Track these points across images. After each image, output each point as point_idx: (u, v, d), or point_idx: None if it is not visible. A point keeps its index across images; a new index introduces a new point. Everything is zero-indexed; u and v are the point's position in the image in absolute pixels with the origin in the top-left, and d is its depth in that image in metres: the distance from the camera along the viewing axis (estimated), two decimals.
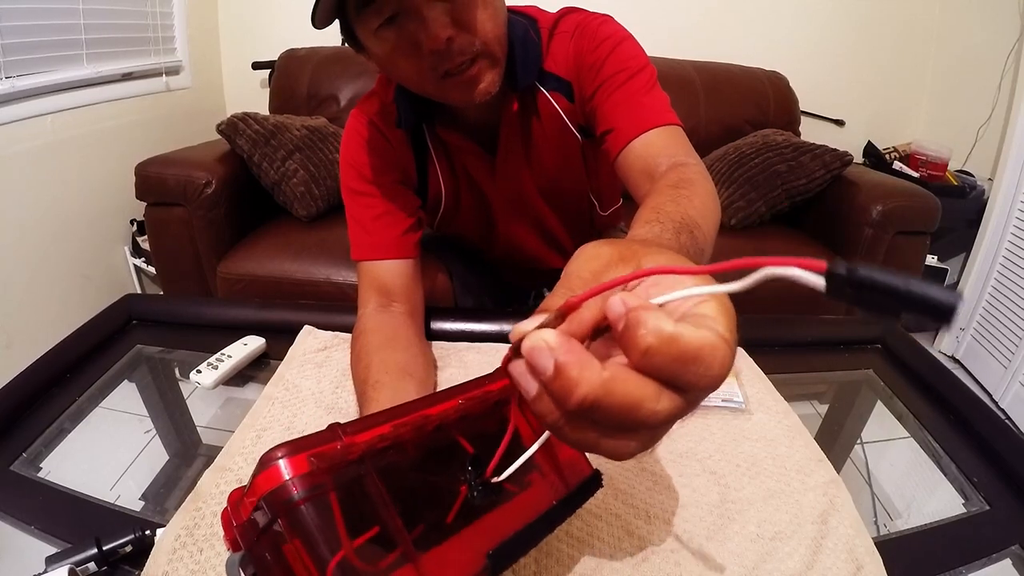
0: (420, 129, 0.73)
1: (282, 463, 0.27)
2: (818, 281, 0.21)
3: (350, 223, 0.73)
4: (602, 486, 0.43)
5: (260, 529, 0.28)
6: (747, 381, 0.69)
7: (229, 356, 0.71)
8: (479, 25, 0.57)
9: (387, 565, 0.29)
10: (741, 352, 0.75)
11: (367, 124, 0.72)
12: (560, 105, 0.70)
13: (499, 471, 0.35)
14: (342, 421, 0.32)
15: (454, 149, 0.74)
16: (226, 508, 0.30)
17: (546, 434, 0.34)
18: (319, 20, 0.54)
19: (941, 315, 0.18)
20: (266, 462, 0.28)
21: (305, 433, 0.30)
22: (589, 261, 0.26)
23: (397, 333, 0.66)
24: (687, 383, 0.21)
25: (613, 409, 0.21)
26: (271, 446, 0.28)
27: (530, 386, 0.23)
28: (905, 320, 0.19)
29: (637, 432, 0.22)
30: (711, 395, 0.66)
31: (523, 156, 0.74)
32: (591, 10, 0.70)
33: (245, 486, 0.29)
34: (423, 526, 0.32)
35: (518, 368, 0.23)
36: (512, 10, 0.67)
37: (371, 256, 0.72)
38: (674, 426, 0.22)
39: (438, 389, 0.66)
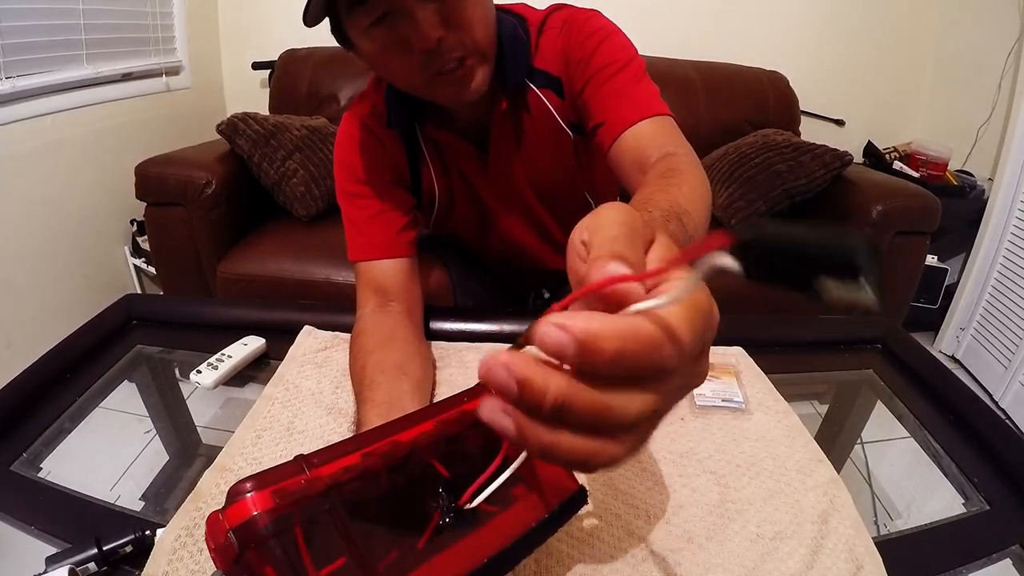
0: (412, 129, 0.73)
1: (249, 497, 0.28)
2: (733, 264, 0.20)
3: (346, 224, 0.74)
4: (587, 503, 0.43)
5: (235, 555, 0.29)
6: (747, 381, 0.69)
7: (229, 356, 0.71)
8: (469, 24, 0.57)
9: None
10: (741, 352, 0.75)
11: (359, 125, 0.72)
12: (551, 102, 0.70)
13: (476, 496, 0.35)
14: (342, 421, 0.32)
15: (445, 148, 0.74)
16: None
17: (521, 458, 0.35)
18: (310, 18, 0.55)
19: (852, 268, 0.18)
20: (234, 495, 0.29)
21: (305, 433, 0.30)
22: (613, 227, 0.24)
23: (394, 333, 0.66)
24: (642, 373, 0.20)
25: (586, 408, 0.20)
26: (272, 446, 0.29)
27: (505, 423, 0.21)
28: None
29: (620, 434, 0.21)
30: (712, 395, 0.66)
31: (515, 154, 0.74)
32: (581, 7, 0.70)
33: (221, 509, 0.29)
34: (396, 553, 0.32)
35: (488, 408, 0.21)
36: (500, 8, 0.67)
37: (367, 256, 0.72)
38: (675, 426, 0.21)
39: (437, 389, 0.66)
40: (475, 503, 0.36)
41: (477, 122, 0.70)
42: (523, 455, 0.36)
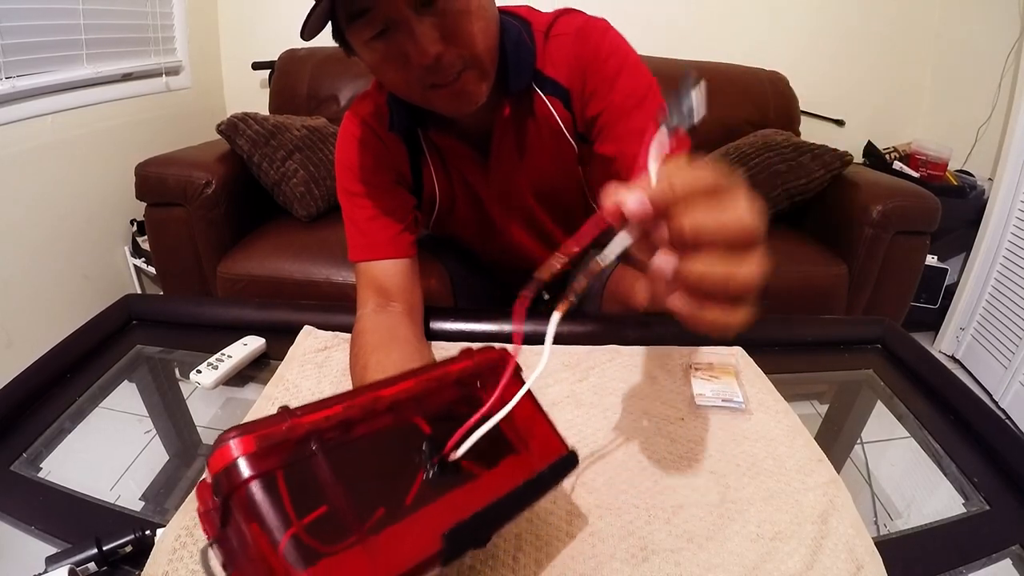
0: (414, 131, 0.73)
1: (232, 443, 0.29)
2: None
3: (347, 224, 0.73)
4: (577, 464, 0.43)
5: (222, 514, 0.29)
6: (747, 381, 0.69)
7: (229, 356, 0.71)
8: (469, 39, 0.56)
9: (339, 545, 0.29)
10: (741, 352, 0.75)
11: (361, 125, 0.72)
12: (558, 112, 0.70)
13: (459, 446, 0.36)
14: None
15: (447, 152, 0.74)
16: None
17: (504, 410, 0.37)
18: (308, 32, 0.54)
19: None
20: (218, 442, 0.29)
21: None
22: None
23: (394, 333, 0.66)
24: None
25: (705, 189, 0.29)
26: None
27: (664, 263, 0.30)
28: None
29: (747, 251, 0.28)
30: (712, 395, 0.66)
31: (517, 159, 0.74)
32: (589, 12, 0.69)
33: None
34: (382, 508, 0.32)
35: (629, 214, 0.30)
36: (504, 11, 0.67)
37: (367, 256, 0.72)
38: (675, 426, 0.24)
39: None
40: (459, 453, 0.36)
41: (479, 126, 0.70)
42: (507, 408, 0.38)
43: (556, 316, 0.38)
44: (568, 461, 0.43)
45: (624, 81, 0.65)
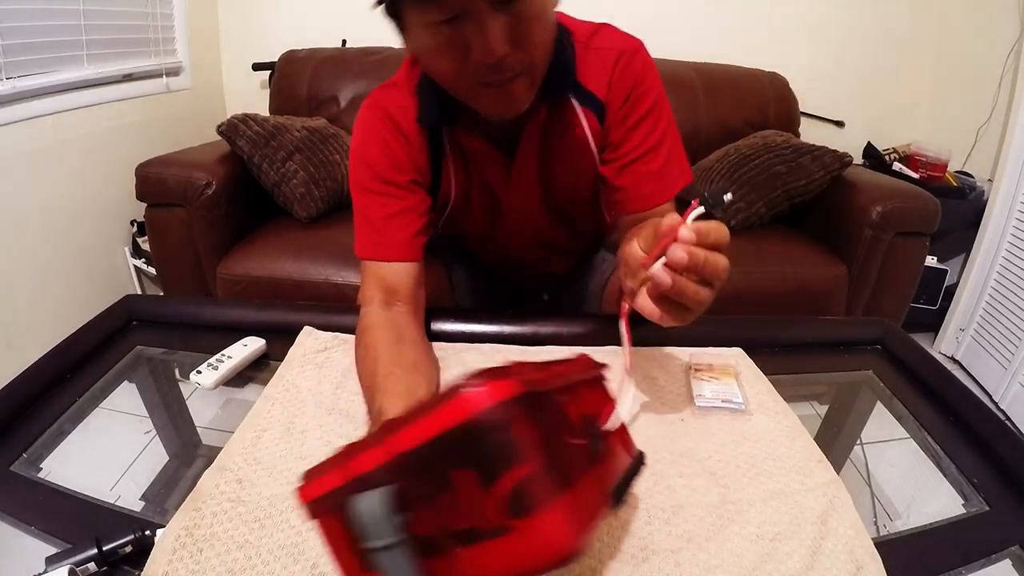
0: (438, 127, 0.71)
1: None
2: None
3: (358, 219, 0.72)
4: (645, 465, 0.46)
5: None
6: (746, 382, 0.69)
7: (229, 357, 0.71)
8: (534, 47, 0.56)
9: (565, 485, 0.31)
10: (740, 353, 0.75)
11: (383, 118, 0.70)
12: (588, 123, 0.70)
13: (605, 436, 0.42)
14: (343, 422, 0.32)
15: (470, 151, 0.73)
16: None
17: (631, 390, 0.48)
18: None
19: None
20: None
21: (305, 433, 0.30)
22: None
23: (404, 332, 0.66)
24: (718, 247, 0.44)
25: (706, 264, 0.43)
26: (272, 446, 0.29)
27: (664, 277, 0.44)
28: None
29: (714, 285, 0.45)
30: (711, 396, 0.67)
31: (541, 165, 0.74)
32: (592, 13, 0.70)
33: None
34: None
35: (658, 269, 0.44)
36: None
37: (380, 256, 0.71)
38: (675, 427, 0.36)
39: (440, 390, 0.66)
40: (616, 422, 0.43)
41: (507, 128, 0.69)
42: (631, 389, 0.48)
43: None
44: (639, 461, 0.46)
45: (650, 121, 0.69)
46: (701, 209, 0.44)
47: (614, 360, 0.49)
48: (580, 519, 0.31)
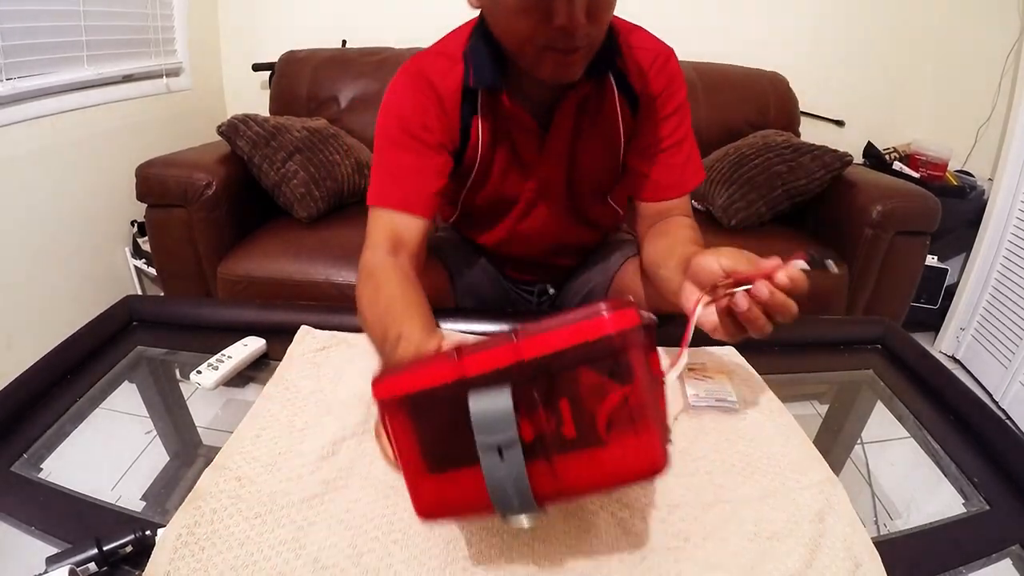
0: (476, 92, 0.72)
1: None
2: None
3: (377, 168, 0.72)
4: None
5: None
6: (740, 381, 0.69)
7: (229, 357, 0.71)
8: (603, 23, 0.60)
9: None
10: (734, 352, 0.75)
11: (421, 79, 0.72)
12: (622, 110, 0.74)
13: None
14: (342, 420, 0.33)
15: (509, 118, 0.74)
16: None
17: (684, 358, 0.50)
18: None
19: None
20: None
21: (305, 431, 0.30)
22: (742, 256, 0.51)
23: (410, 276, 0.67)
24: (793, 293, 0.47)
25: (779, 304, 0.47)
26: (271, 444, 0.29)
27: (744, 303, 0.48)
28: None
29: (777, 322, 0.48)
30: (705, 395, 0.67)
31: (573, 139, 0.76)
32: (661, 41, 0.77)
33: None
34: None
35: (741, 300, 0.48)
36: None
37: (394, 205, 0.71)
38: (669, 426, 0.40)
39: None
40: (675, 372, 0.48)
41: (546, 101, 0.72)
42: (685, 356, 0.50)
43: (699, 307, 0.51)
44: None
45: (676, 119, 0.76)
46: (803, 264, 0.48)
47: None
48: (664, 441, 0.36)
